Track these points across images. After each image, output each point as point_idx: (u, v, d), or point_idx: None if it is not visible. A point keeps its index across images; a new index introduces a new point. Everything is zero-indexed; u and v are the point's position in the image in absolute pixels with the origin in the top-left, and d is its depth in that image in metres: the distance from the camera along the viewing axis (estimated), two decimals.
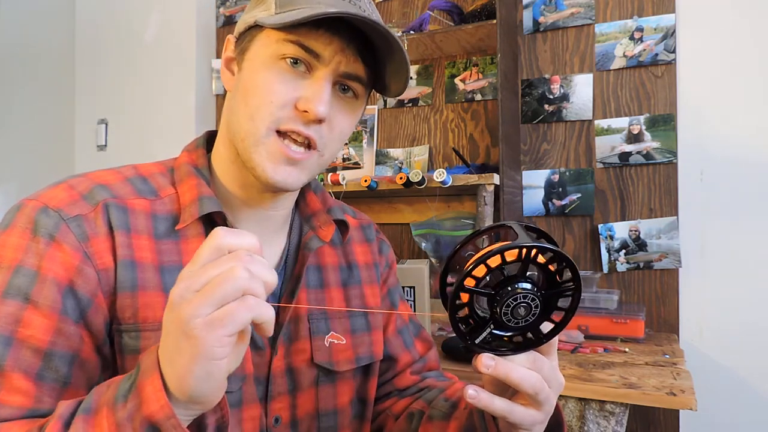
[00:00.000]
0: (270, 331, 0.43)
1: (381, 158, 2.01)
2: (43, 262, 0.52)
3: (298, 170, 0.60)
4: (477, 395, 0.50)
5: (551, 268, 0.48)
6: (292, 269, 0.68)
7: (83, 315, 0.53)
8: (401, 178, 1.53)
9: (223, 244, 0.43)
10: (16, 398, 0.49)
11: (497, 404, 0.50)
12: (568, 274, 0.48)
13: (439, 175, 1.49)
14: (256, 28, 0.60)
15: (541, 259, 0.47)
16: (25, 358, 0.49)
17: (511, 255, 0.46)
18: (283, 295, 0.67)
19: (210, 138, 0.70)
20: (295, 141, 0.59)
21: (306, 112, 0.57)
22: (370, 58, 0.61)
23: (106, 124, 2.33)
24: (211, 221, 0.61)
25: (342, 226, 0.73)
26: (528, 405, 0.51)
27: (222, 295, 0.40)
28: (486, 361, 0.48)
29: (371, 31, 0.57)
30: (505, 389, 0.53)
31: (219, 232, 0.43)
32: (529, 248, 0.46)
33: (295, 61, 0.58)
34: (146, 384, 0.41)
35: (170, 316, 0.42)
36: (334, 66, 0.58)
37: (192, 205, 0.60)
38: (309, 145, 0.59)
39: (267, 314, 0.42)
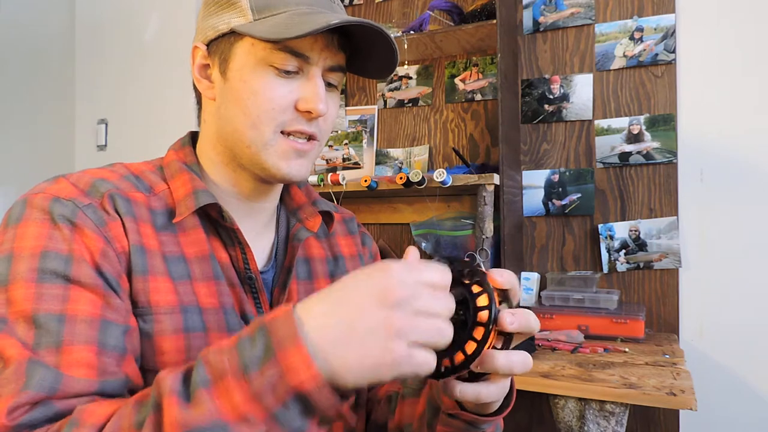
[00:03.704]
0: None
1: (381, 158, 2.01)
2: (73, 245, 0.52)
3: (307, 161, 0.64)
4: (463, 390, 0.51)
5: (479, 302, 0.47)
6: (282, 261, 0.70)
7: (117, 293, 0.54)
8: (401, 178, 1.53)
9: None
10: (81, 371, 0.48)
11: (469, 391, 0.51)
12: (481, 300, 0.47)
13: (439, 175, 1.49)
14: (233, 35, 0.61)
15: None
16: (81, 331, 0.49)
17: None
18: (276, 286, 0.68)
19: (193, 137, 0.71)
20: (297, 137, 0.62)
21: (308, 112, 0.60)
22: (347, 45, 0.64)
23: (106, 124, 2.34)
24: (205, 214, 0.63)
25: (327, 217, 0.74)
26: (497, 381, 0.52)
27: (434, 342, 0.41)
28: (509, 319, 0.47)
29: (362, 30, 0.60)
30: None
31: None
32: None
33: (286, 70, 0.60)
34: (289, 353, 0.39)
35: (385, 312, 0.40)
36: (322, 63, 0.61)
37: (187, 198, 0.61)
38: (309, 137, 0.63)
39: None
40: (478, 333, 0.44)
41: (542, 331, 1.52)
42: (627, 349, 1.37)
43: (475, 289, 0.46)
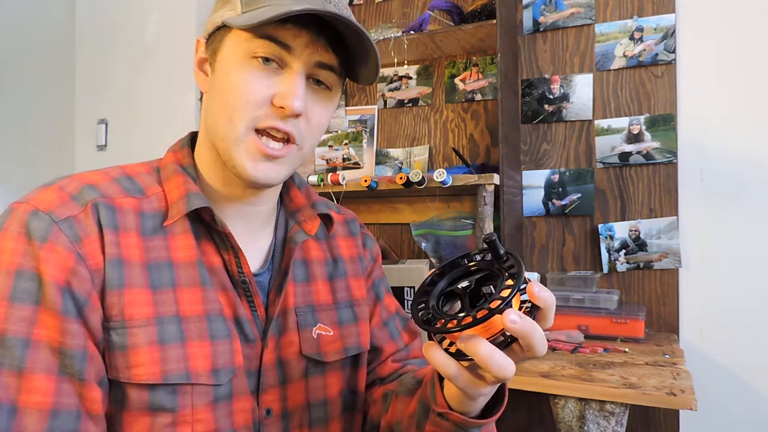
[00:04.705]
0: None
1: (381, 158, 2.01)
2: (40, 265, 0.52)
3: (278, 166, 0.61)
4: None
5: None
6: (279, 264, 0.69)
7: (81, 313, 0.54)
8: (401, 178, 1.53)
9: None
10: (36, 398, 0.50)
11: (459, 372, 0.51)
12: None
13: (439, 175, 1.49)
14: (224, 28, 0.60)
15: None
16: (44, 358, 0.51)
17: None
18: (272, 289, 0.67)
19: (193, 138, 0.71)
20: (273, 137, 0.60)
21: (282, 108, 0.58)
22: (341, 49, 0.61)
23: (106, 124, 2.33)
24: (198, 217, 0.62)
25: (326, 220, 0.74)
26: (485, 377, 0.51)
27: None
28: (512, 317, 0.46)
29: (339, 24, 0.58)
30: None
31: None
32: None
33: (267, 59, 0.58)
34: None
35: None
36: (306, 58, 0.59)
37: (179, 201, 0.61)
38: (288, 139, 0.60)
39: None
40: (480, 314, 0.47)
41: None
42: (627, 349, 1.37)
43: (509, 282, 0.49)
